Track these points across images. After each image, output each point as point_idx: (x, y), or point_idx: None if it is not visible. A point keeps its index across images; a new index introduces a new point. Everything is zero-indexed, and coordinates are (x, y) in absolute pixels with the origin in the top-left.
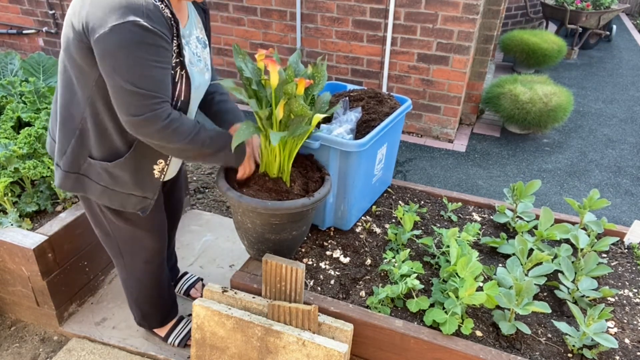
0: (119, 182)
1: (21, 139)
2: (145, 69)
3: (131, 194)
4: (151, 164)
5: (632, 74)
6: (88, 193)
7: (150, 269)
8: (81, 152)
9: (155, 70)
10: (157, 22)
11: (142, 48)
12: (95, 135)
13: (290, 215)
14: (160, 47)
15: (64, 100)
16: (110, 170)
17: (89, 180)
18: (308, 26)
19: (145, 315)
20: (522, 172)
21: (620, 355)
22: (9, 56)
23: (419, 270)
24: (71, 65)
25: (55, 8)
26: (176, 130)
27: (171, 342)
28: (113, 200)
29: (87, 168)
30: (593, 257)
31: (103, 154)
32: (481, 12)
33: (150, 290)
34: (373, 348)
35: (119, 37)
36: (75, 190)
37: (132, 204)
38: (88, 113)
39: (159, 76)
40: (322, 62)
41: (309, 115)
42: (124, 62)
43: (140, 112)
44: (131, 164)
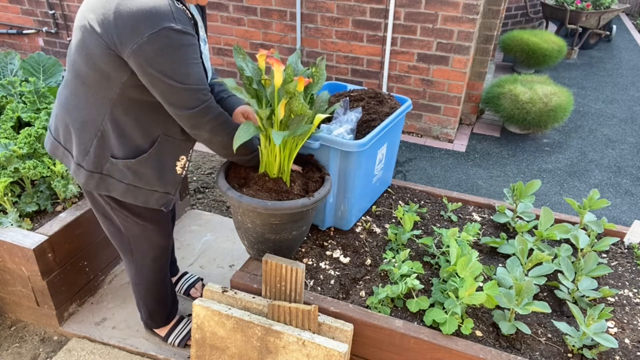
0: (143, 179)
1: (21, 139)
2: (189, 67)
3: (155, 190)
4: (174, 160)
5: (632, 74)
6: (112, 192)
7: (158, 266)
8: (103, 153)
9: (195, 66)
10: (186, 23)
11: (182, 50)
12: (116, 135)
13: (290, 215)
14: (194, 45)
15: (81, 103)
16: (134, 168)
17: (112, 180)
18: (308, 26)
19: (152, 313)
20: (522, 172)
21: (620, 355)
22: (9, 56)
23: (419, 270)
24: (92, 70)
25: (55, 8)
26: (225, 122)
27: (171, 342)
28: (137, 197)
29: (109, 168)
30: (593, 257)
31: (126, 153)
32: (481, 12)
33: (157, 288)
34: (373, 348)
35: (158, 44)
36: (99, 189)
37: (154, 199)
38: (109, 115)
39: (200, 71)
40: (321, 61)
41: (308, 114)
42: (169, 65)
43: (195, 104)
44: (154, 160)
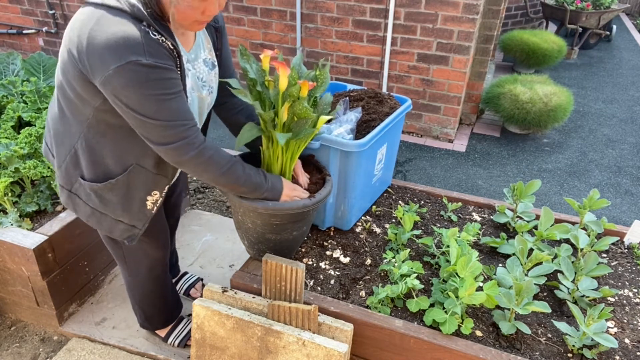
0: (109, 207)
1: (22, 138)
2: (160, 103)
3: (119, 220)
4: (144, 194)
5: (632, 74)
6: (78, 213)
7: (154, 275)
8: (74, 172)
9: (170, 102)
10: (159, 55)
11: (149, 85)
12: (87, 157)
13: (291, 215)
14: (167, 79)
15: (61, 118)
16: (99, 192)
17: (78, 200)
18: (308, 26)
19: (148, 317)
20: (522, 172)
21: (620, 355)
22: (10, 56)
23: (419, 270)
24: (70, 90)
25: (55, 8)
26: (211, 158)
27: (171, 342)
28: (101, 224)
29: (77, 188)
30: (593, 257)
31: (94, 176)
32: (481, 12)
33: (154, 294)
34: (373, 348)
35: (124, 78)
36: (67, 206)
37: (119, 230)
38: (84, 135)
39: (175, 105)
40: (325, 62)
41: (312, 117)
42: (135, 100)
43: (170, 140)
44: (123, 189)
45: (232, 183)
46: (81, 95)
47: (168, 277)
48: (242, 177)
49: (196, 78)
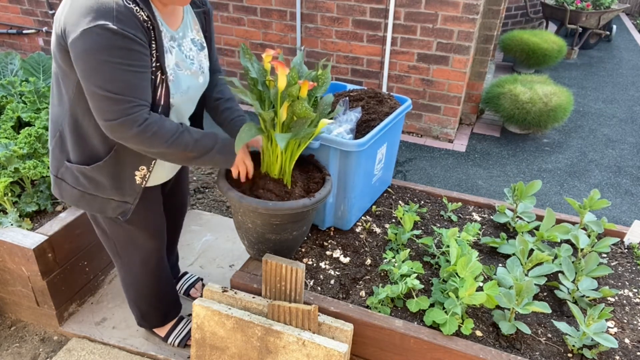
0: (99, 188)
1: (21, 139)
2: (116, 73)
3: (110, 198)
4: (132, 170)
5: (632, 74)
6: (64, 198)
7: (148, 269)
8: (60, 156)
9: (127, 74)
10: (129, 24)
11: (111, 52)
12: (73, 139)
13: (291, 215)
14: (132, 50)
15: (52, 103)
16: (88, 175)
17: (65, 185)
18: (308, 26)
19: (144, 314)
20: (522, 172)
21: (620, 355)
22: (9, 56)
23: (419, 270)
24: (57, 68)
25: (55, 8)
26: (155, 134)
27: (171, 342)
28: (92, 206)
29: (64, 172)
30: (594, 257)
31: (81, 158)
32: (481, 12)
33: (149, 290)
34: (373, 348)
35: (88, 41)
36: (55, 192)
37: (111, 208)
38: (68, 116)
39: (133, 80)
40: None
41: (312, 117)
42: (93, 66)
43: (114, 116)
44: (111, 168)
45: (181, 151)
46: (65, 71)
47: (165, 274)
48: (190, 144)
49: (184, 56)
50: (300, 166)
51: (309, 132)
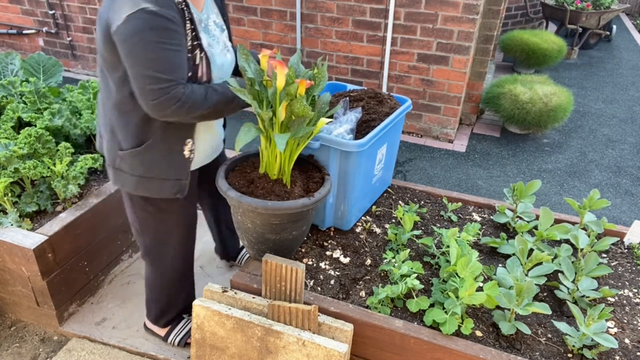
0: (153, 169)
1: (21, 139)
2: (158, 52)
3: (165, 178)
4: (180, 145)
5: (632, 74)
6: (125, 186)
7: (175, 264)
8: (114, 146)
9: (167, 52)
10: (165, 6)
11: (153, 32)
12: (121, 126)
13: (291, 215)
14: (170, 30)
15: (101, 101)
16: (141, 157)
17: (123, 174)
18: (308, 26)
19: (162, 312)
20: (522, 172)
21: (620, 355)
22: (9, 56)
23: (419, 270)
24: (103, 63)
25: (55, 8)
26: (191, 105)
27: (171, 341)
28: (149, 189)
29: (119, 162)
30: (593, 257)
31: (131, 143)
32: (481, 12)
33: (171, 286)
34: (373, 348)
35: (132, 25)
36: (115, 183)
37: (168, 188)
38: (115, 106)
39: (171, 58)
40: (322, 62)
41: (310, 116)
42: (139, 47)
43: (157, 96)
44: (160, 146)
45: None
46: (110, 62)
47: (189, 274)
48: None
49: (211, 36)
50: (300, 166)
51: (307, 131)
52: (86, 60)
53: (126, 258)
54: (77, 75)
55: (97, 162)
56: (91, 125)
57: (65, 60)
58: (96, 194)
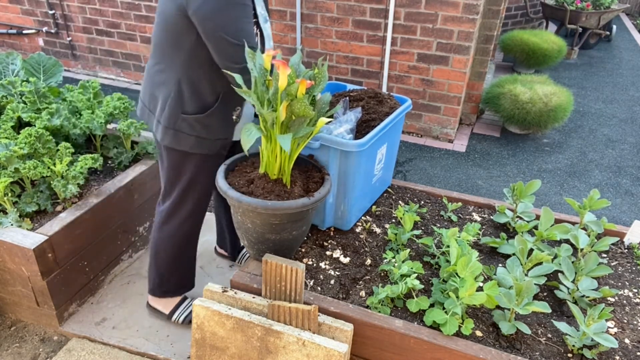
0: (211, 131)
1: (21, 139)
2: (239, 24)
3: (217, 139)
4: (232, 111)
5: (632, 74)
6: (182, 146)
7: (181, 234)
8: (176, 110)
9: (245, 24)
10: None
11: (237, 8)
12: (190, 92)
13: (290, 215)
14: (246, 5)
15: (160, 67)
16: (202, 121)
17: (182, 134)
18: (308, 26)
19: (159, 279)
20: (522, 172)
21: (620, 355)
22: (10, 56)
23: (419, 270)
24: (168, 35)
25: (55, 8)
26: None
27: (175, 319)
28: (203, 147)
29: (180, 124)
30: (593, 257)
31: (196, 108)
32: (481, 12)
33: (172, 254)
34: (373, 348)
35: (214, 2)
36: (172, 144)
37: (217, 146)
38: (183, 74)
39: (249, 29)
40: (323, 62)
41: (311, 115)
42: (222, 21)
43: (241, 60)
44: (219, 113)
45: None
46: (178, 35)
47: (193, 247)
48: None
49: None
50: (300, 166)
51: (308, 131)
52: (86, 60)
53: (126, 258)
54: (77, 75)
55: (97, 162)
56: (91, 125)
57: (65, 60)
58: (96, 194)
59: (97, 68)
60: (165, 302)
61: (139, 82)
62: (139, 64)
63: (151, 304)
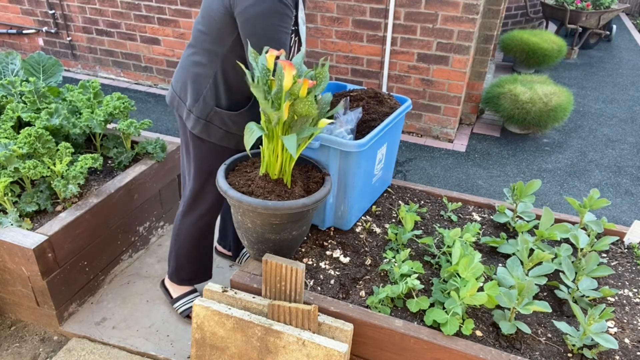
0: (240, 128)
1: (21, 138)
2: (276, 33)
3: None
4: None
5: (632, 74)
6: (211, 137)
7: (200, 225)
8: (210, 103)
9: (282, 34)
10: None
11: (276, 16)
12: (225, 88)
13: (291, 215)
14: (287, 16)
15: (198, 59)
16: (233, 119)
17: (213, 126)
18: (308, 26)
19: (178, 267)
20: (522, 172)
21: (620, 355)
22: (10, 56)
23: (419, 270)
24: (210, 29)
25: (55, 8)
26: None
27: (177, 307)
28: (230, 141)
29: (212, 116)
30: (594, 257)
31: (229, 105)
32: (481, 12)
33: (192, 244)
34: (373, 348)
35: (260, 7)
36: (202, 134)
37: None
38: (220, 69)
39: (284, 38)
40: (324, 62)
41: (314, 115)
42: (262, 27)
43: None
44: (250, 113)
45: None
46: (221, 32)
47: (210, 239)
48: None
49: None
50: (300, 166)
51: (311, 131)
52: (86, 60)
53: (126, 258)
54: (77, 75)
55: (97, 162)
56: (91, 124)
57: (65, 60)
58: (96, 194)
59: (97, 68)
60: (178, 288)
61: (139, 82)
62: (139, 64)
63: (165, 284)
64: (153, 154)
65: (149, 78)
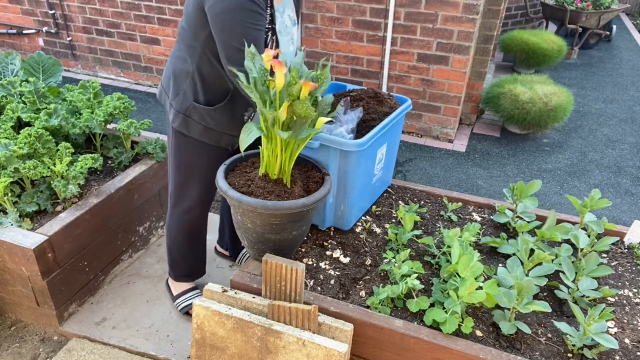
0: (218, 124)
1: (21, 139)
2: (245, 30)
3: (225, 132)
4: (242, 111)
5: (632, 74)
6: (191, 132)
7: (188, 219)
8: (189, 97)
9: (251, 30)
10: None
11: (243, 12)
12: (202, 84)
13: (290, 215)
14: (256, 12)
15: (181, 54)
16: (211, 114)
17: (191, 120)
18: (308, 26)
19: (173, 262)
20: (522, 172)
21: (620, 355)
22: (9, 56)
23: (419, 270)
24: (189, 27)
25: (55, 8)
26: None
27: (177, 304)
28: (210, 138)
29: (191, 111)
30: (594, 257)
31: (206, 100)
32: (481, 12)
33: (183, 240)
34: (373, 348)
35: (227, 3)
36: (181, 128)
37: (225, 140)
38: (197, 65)
39: (255, 35)
40: (325, 63)
41: (313, 117)
42: (230, 23)
43: (240, 64)
44: (228, 109)
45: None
46: (196, 28)
47: (202, 234)
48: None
49: (284, 25)
50: (300, 166)
51: (309, 132)
52: (86, 60)
53: (126, 258)
54: (77, 75)
55: (97, 162)
56: (90, 125)
57: (65, 60)
58: (96, 194)
59: (97, 68)
60: (178, 285)
61: (139, 82)
62: (139, 64)
63: (169, 283)
64: (153, 154)
65: (149, 78)
